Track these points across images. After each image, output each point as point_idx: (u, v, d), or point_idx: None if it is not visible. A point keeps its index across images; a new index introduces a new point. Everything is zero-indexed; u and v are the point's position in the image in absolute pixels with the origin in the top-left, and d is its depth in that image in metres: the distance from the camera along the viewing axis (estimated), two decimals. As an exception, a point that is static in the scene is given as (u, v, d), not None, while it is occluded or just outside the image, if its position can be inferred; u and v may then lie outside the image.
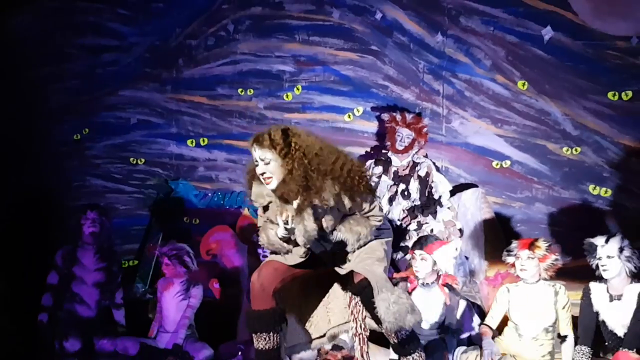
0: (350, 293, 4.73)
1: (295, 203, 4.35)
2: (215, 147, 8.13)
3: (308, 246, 4.46)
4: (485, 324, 5.90)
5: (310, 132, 4.53)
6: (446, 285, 6.14)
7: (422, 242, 6.11)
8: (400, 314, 4.43)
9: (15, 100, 8.06)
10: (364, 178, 4.41)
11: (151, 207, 7.93)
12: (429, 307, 5.98)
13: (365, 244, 4.53)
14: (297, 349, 4.97)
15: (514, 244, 5.84)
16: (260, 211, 4.61)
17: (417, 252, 6.06)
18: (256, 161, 4.36)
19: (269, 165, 4.32)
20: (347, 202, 4.36)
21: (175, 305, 6.87)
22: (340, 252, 4.54)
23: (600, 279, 5.60)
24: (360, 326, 4.71)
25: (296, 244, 4.49)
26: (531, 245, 5.69)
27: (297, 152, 4.29)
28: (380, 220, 4.55)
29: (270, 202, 4.47)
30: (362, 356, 4.81)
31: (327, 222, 4.36)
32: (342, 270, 4.61)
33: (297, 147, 4.31)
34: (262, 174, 4.34)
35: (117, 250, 7.46)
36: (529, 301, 5.71)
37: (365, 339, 4.78)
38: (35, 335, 6.78)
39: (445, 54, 7.62)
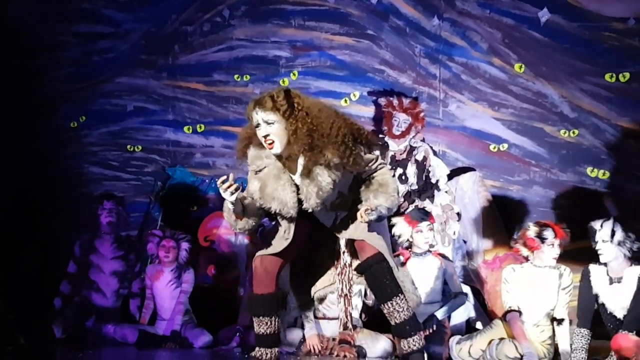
0: (339, 255, 4.73)
1: (300, 166, 4.34)
2: (212, 134, 8.12)
3: (317, 208, 4.40)
4: (514, 309, 5.76)
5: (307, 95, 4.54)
6: (439, 254, 6.38)
7: (424, 214, 6.37)
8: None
9: (11, 88, 8.03)
10: (361, 137, 4.40)
11: (159, 195, 7.92)
12: (426, 274, 6.23)
13: None
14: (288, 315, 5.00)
15: (550, 232, 5.70)
16: (249, 174, 4.56)
17: (425, 223, 6.28)
18: (258, 124, 4.31)
19: (272, 126, 4.28)
20: (351, 167, 4.35)
21: (169, 293, 6.87)
22: (342, 217, 4.53)
23: (600, 261, 5.60)
24: (346, 286, 4.73)
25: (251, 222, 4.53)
26: (566, 235, 5.69)
27: (300, 112, 4.28)
28: (389, 169, 4.58)
29: (265, 167, 4.44)
30: (346, 316, 4.84)
31: (336, 176, 4.34)
32: (344, 235, 4.59)
33: (299, 108, 4.29)
34: (265, 136, 4.30)
35: (134, 239, 7.48)
36: (534, 284, 5.69)
37: (350, 300, 4.81)
38: (38, 324, 6.78)
39: (441, 38, 7.60)
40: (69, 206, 7.92)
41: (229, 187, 4.31)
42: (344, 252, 4.69)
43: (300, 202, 4.37)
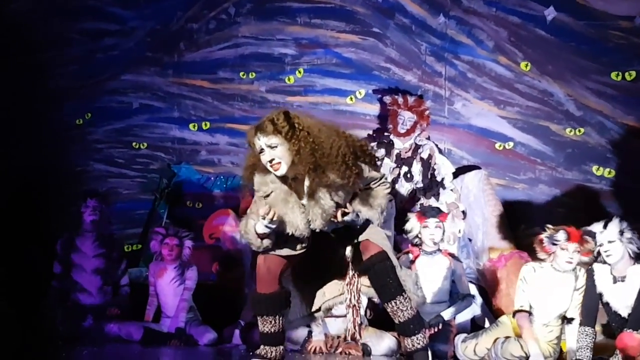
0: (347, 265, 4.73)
1: (306, 187, 4.33)
2: (217, 131, 8.13)
3: (325, 228, 4.40)
4: (524, 310, 5.67)
5: (305, 113, 4.53)
6: (449, 254, 6.34)
7: (436, 211, 6.31)
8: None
9: (17, 85, 8.04)
10: (364, 155, 4.39)
11: (164, 192, 7.94)
12: (434, 274, 6.21)
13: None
14: (295, 324, 4.99)
15: (562, 234, 5.56)
16: (257, 197, 4.54)
17: (432, 220, 6.21)
18: (262, 150, 4.28)
19: (275, 149, 4.25)
20: (344, 193, 4.35)
21: (173, 291, 6.85)
22: (355, 229, 4.52)
23: (604, 261, 5.56)
24: (354, 297, 4.73)
25: (277, 241, 4.48)
26: (581, 239, 5.53)
27: (302, 132, 4.25)
28: (388, 187, 4.54)
29: (272, 192, 4.43)
30: (354, 327, 4.85)
31: (339, 197, 4.34)
32: (350, 242, 4.59)
33: (300, 128, 4.26)
34: (271, 161, 4.30)
35: (117, 237, 7.46)
36: (551, 285, 5.65)
37: (358, 311, 4.81)
38: (36, 321, 6.78)
39: (447, 36, 7.60)
40: (74, 203, 7.91)
41: (272, 218, 4.28)
42: (352, 262, 4.68)
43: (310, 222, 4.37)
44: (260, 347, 4.61)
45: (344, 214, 4.31)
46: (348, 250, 4.65)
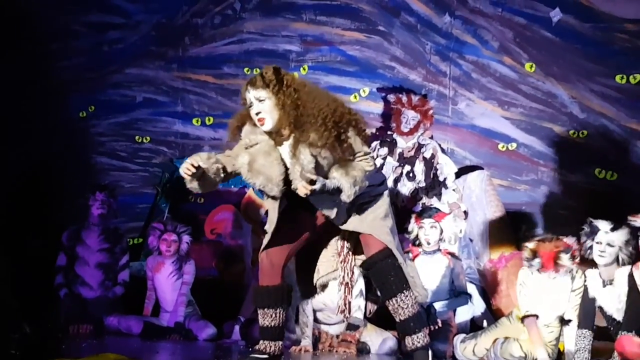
0: (342, 243, 4.73)
1: (289, 145, 4.37)
2: (220, 126, 8.10)
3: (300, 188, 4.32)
4: (531, 314, 5.61)
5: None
6: (449, 253, 6.34)
7: (432, 212, 6.32)
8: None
9: (21, 77, 8.04)
10: (350, 125, 4.39)
11: (166, 186, 7.94)
12: (434, 272, 6.20)
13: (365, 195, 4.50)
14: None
15: (536, 262, 5.53)
16: (238, 143, 4.57)
17: (427, 220, 6.25)
18: (251, 103, 4.38)
19: (263, 103, 4.34)
20: (328, 154, 4.35)
21: (171, 285, 6.86)
22: (346, 207, 4.51)
23: (593, 263, 5.52)
24: (347, 274, 4.76)
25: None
26: (555, 264, 5.49)
27: (289, 88, 4.34)
28: (372, 166, 4.52)
29: (257, 144, 4.45)
30: (345, 304, 4.86)
31: (321, 157, 4.33)
32: (348, 227, 4.59)
33: (288, 84, 4.36)
34: (257, 114, 4.35)
35: (122, 232, 7.46)
36: (547, 288, 5.64)
37: (351, 289, 4.83)
38: (41, 314, 6.79)
39: (452, 35, 7.60)
40: (76, 196, 7.91)
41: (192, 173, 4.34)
42: (348, 240, 4.70)
43: (287, 183, 4.37)
44: (260, 342, 4.62)
45: (312, 183, 4.23)
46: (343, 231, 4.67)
